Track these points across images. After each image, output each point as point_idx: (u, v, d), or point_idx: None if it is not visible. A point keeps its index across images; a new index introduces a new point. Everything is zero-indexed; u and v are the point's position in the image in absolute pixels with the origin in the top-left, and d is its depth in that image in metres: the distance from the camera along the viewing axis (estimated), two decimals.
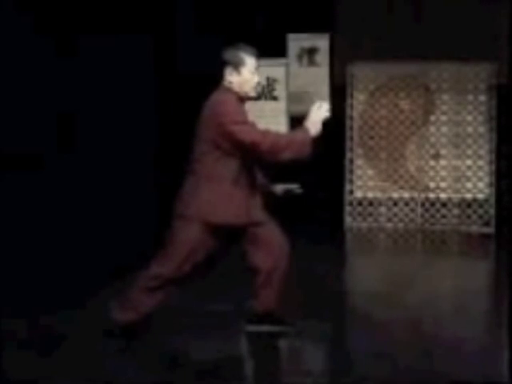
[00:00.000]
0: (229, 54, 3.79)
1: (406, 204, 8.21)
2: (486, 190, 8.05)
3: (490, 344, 3.94)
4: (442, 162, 8.17)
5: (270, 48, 7.97)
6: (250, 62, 3.78)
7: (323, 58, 8.23)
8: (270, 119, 8.17)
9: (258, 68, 3.84)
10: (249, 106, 3.90)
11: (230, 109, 3.69)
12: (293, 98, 8.27)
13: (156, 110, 7.48)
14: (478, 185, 8.09)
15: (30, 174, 6.04)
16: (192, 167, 3.78)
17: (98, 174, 6.70)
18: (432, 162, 8.18)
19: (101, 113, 6.76)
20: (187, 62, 7.59)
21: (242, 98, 3.82)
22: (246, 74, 3.78)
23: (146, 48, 7.31)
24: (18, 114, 5.92)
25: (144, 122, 7.29)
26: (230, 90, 3.79)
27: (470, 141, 8.11)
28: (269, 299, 3.87)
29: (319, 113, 3.76)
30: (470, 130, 8.11)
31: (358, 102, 8.29)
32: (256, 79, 3.83)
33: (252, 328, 3.95)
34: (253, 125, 3.70)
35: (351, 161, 8.28)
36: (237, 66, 3.76)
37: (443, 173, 8.16)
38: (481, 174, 8.08)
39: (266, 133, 3.66)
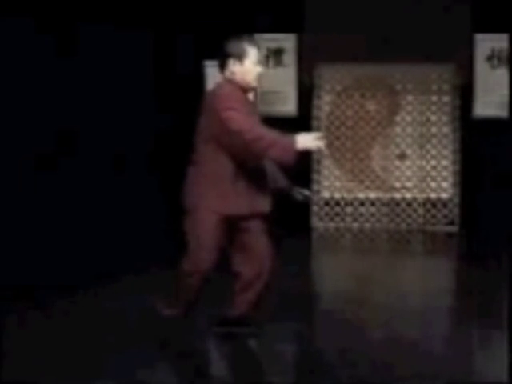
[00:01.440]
0: (232, 45, 3.78)
1: (372, 204, 8.29)
2: (451, 190, 8.17)
3: (454, 340, 4.00)
4: (407, 162, 8.27)
5: None
6: (252, 52, 3.78)
7: (290, 58, 8.26)
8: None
9: (260, 59, 3.85)
10: None
11: (225, 96, 3.68)
12: (260, 98, 8.28)
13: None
14: (443, 184, 8.20)
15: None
16: (194, 158, 3.78)
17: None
18: (397, 162, 8.28)
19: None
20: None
21: (245, 89, 3.81)
22: (249, 64, 3.77)
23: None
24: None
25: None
26: (231, 81, 3.78)
27: (434, 141, 8.22)
28: (244, 305, 3.87)
29: (313, 140, 3.62)
30: (434, 130, 8.22)
31: (324, 103, 8.34)
32: (258, 69, 3.81)
33: (220, 329, 3.95)
34: (248, 115, 3.66)
35: (318, 161, 8.33)
36: (240, 56, 3.76)
37: (408, 173, 8.25)
38: (445, 173, 8.20)
39: (255, 124, 3.64)
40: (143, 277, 5.33)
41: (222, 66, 3.81)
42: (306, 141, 3.59)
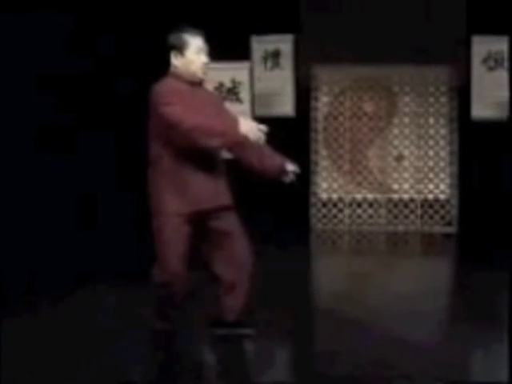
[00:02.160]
0: (172, 38, 3.75)
1: (370, 205, 8.30)
2: (448, 191, 8.18)
3: (454, 340, 4.01)
4: (405, 164, 8.28)
5: (234, 50, 8.00)
6: (193, 42, 3.73)
7: (287, 60, 8.27)
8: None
9: (204, 48, 3.76)
10: None
11: (162, 91, 3.64)
12: (257, 100, 8.29)
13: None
14: (440, 186, 8.22)
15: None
16: (149, 158, 3.74)
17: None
18: (395, 164, 8.29)
19: None
20: None
21: (191, 82, 3.75)
22: (191, 55, 3.72)
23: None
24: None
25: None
26: (174, 75, 3.74)
27: (431, 142, 8.23)
28: (232, 312, 3.84)
29: (253, 127, 3.59)
30: (431, 131, 8.23)
31: (322, 105, 8.35)
32: (202, 59, 3.75)
33: (216, 331, 3.94)
34: (189, 108, 3.59)
35: (316, 163, 8.34)
36: (180, 48, 3.71)
37: (406, 174, 8.27)
38: (442, 175, 8.21)
39: (191, 115, 3.56)
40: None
41: (169, 61, 3.77)
42: (248, 126, 3.56)
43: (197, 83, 3.79)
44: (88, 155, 6.93)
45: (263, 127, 3.62)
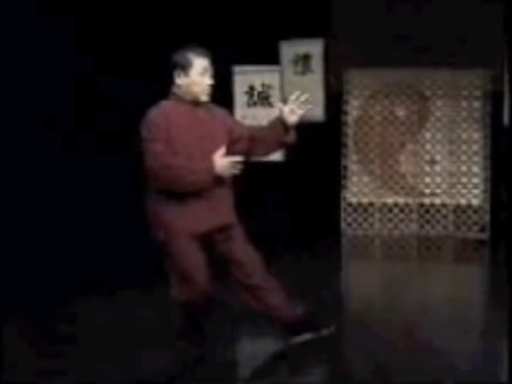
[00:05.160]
0: (176, 56, 3.63)
1: (401, 210, 8.21)
2: (481, 197, 8.06)
3: (482, 349, 3.94)
4: (437, 169, 8.18)
5: (264, 54, 7.99)
6: (198, 63, 3.61)
7: (318, 64, 8.24)
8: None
9: (209, 70, 3.65)
10: (244, 112, 3.86)
11: (148, 121, 3.54)
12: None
13: None
14: (473, 191, 8.10)
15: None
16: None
17: None
18: (427, 168, 8.20)
19: None
20: None
21: (192, 103, 3.65)
22: (194, 75, 3.60)
23: None
24: None
25: None
26: (174, 96, 3.64)
27: (464, 147, 8.12)
28: (284, 309, 3.81)
29: (229, 165, 3.51)
30: (464, 136, 8.13)
31: (352, 109, 8.30)
32: (207, 81, 3.63)
33: (297, 339, 3.88)
34: (173, 143, 3.49)
35: (346, 167, 8.29)
36: (184, 67, 3.59)
37: (438, 179, 8.17)
38: (475, 180, 8.10)
39: (167, 157, 3.46)
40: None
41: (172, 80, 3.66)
42: (222, 165, 3.46)
43: (200, 102, 3.68)
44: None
45: (237, 158, 3.52)
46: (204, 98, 3.67)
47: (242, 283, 3.74)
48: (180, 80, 3.63)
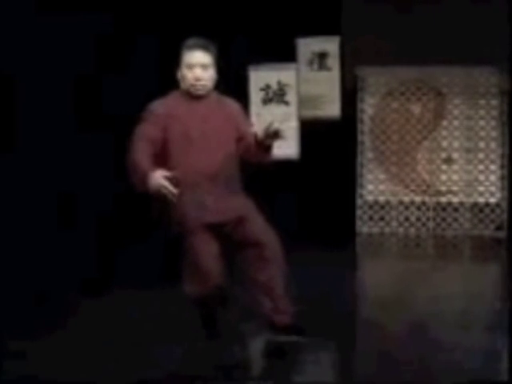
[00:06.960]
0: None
1: (418, 208, 8.18)
2: (498, 195, 8.01)
3: (501, 349, 3.91)
4: (454, 166, 8.13)
5: (280, 52, 7.98)
6: (186, 56, 3.59)
7: (334, 61, 8.22)
8: (281, 123, 8.15)
9: (196, 62, 3.57)
10: (259, 110, 3.83)
11: (151, 106, 3.60)
12: (304, 102, 8.25)
13: None
14: (490, 189, 8.05)
15: None
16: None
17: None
18: (444, 166, 8.15)
19: None
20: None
21: (197, 97, 3.62)
22: (184, 69, 3.60)
23: None
24: None
25: None
26: (180, 89, 3.66)
27: (481, 145, 8.07)
28: (277, 315, 3.75)
29: (164, 185, 3.37)
30: (482, 134, 8.07)
31: (368, 106, 8.27)
32: (192, 74, 3.56)
33: (282, 338, 3.82)
34: (161, 130, 3.48)
35: (362, 165, 8.26)
36: (178, 62, 3.63)
37: (455, 177, 8.12)
38: (493, 178, 8.04)
39: (136, 146, 3.46)
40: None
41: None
42: (157, 182, 3.34)
43: (202, 96, 3.63)
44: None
45: (175, 176, 3.40)
46: (196, 92, 3.61)
47: (254, 278, 3.70)
48: (178, 74, 3.67)
